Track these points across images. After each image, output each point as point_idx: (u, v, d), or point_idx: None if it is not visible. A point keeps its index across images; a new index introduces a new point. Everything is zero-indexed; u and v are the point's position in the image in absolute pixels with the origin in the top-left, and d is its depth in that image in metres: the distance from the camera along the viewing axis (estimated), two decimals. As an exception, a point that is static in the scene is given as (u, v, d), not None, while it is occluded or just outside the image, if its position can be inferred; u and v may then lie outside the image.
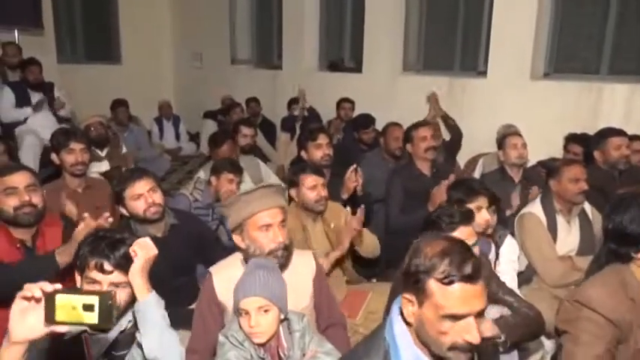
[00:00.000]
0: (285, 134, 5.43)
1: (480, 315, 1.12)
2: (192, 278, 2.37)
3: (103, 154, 3.86)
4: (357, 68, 5.48)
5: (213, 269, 1.79)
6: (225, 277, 1.58)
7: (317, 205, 2.42)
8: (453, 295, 1.09)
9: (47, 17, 5.62)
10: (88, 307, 1.09)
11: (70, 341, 1.43)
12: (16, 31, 5.02)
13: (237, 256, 1.81)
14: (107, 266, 1.43)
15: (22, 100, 4.48)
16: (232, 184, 2.85)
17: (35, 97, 4.56)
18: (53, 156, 2.83)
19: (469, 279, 1.09)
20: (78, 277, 1.49)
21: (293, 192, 2.48)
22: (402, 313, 1.19)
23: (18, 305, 1.06)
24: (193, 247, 2.34)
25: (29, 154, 4.31)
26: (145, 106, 6.04)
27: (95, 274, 1.43)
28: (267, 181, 3.26)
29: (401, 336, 1.19)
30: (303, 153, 3.14)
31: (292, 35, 5.96)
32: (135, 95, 5.59)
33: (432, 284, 1.11)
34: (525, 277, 2.58)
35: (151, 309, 1.46)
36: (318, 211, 2.45)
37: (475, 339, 1.09)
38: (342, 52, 5.93)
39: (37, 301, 1.06)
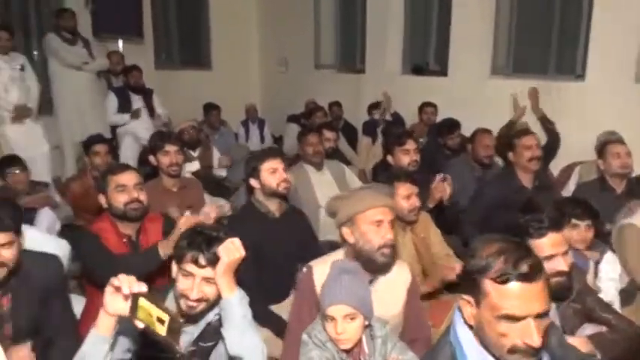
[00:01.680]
0: (366, 138, 5.42)
1: (541, 317, 1.07)
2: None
3: (195, 154, 4.11)
4: (442, 71, 5.35)
5: (314, 263, 1.83)
6: (325, 272, 1.61)
7: (410, 215, 2.36)
8: (509, 295, 1.06)
9: (147, 27, 6.05)
10: (160, 320, 1.25)
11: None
12: (120, 41, 5.44)
13: (340, 253, 1.84)
14: (202, 260, 1.49)
15: (124, 104, 4.86)
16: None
17: (136, 100, 4.93)
18: (151, 157, 3.04)
19: (526, 278, 1.05)
20: (175, 267, 1.57)
21: None
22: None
23: (109, 288, 1.32)
24: (302, 236, 2.46)
25: (128, 154, 4.68)
26: (233, 109, 6.30)
27: (190, 267, 1.50)
28: (351, 186, 3.28)
29: (465, 338, 1.17)
30: (389, 158, 3.11)
31: (376, 39, 5.94)
32: (223, 99, 5.84)
33: (488, 284, 1.09)
34: (627, 295, 2.38)
35: (234, 308, 1.51)
36: (409, 221, 2.39)
37: (535, 342, 1.05)
38: (427, 55, 5.82)
39: (125, 297, 1.29)
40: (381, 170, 3.25)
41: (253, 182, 2.40)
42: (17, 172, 3.15)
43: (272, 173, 2.36)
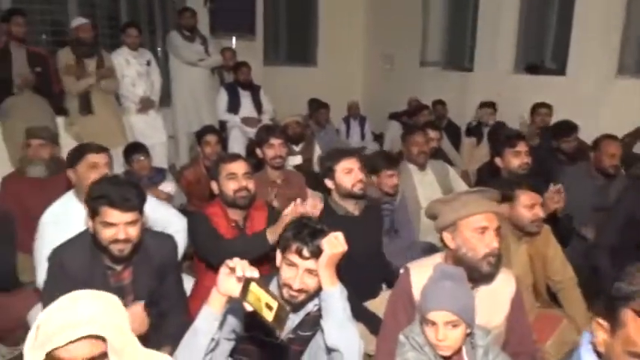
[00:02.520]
0: (470, 139, 5.22)
1: None
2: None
3: (297, 149, 4.22)
4: (560, 70, 4.98)
5: (412, 265, 1.80)
6: (424, 275, 1.58)
7: (531, 226, 2.17)
8: None
9: (258, 24, 6.31)
10: (268, 307, 1.30)
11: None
12: (233, 38, 5.74)
13: (438, 256, 1.80)
14: (305, 252, 1.53)
15: (233, 100, 5.12)
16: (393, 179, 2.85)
17: (244, 96, 5.17)
18: (257, 150, 3.17)
19: None
20: (279, 256, 1.62)
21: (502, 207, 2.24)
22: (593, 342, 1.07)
23: (224, 270, 1.41)
24: (380, 234, 2.45)
25: (235, 146, 4.92)
26: (336, 106, 6.36)
27: (294, 258, 1.54)
28: (456, 189, 3.18)
29: None
30: (497, 160, 2.97)
31: (487, 35, 5.68)
32: (327, 95, 5.93)
33: (629, 314, 0.98)
34: None
35: (335, 301, 1.54)
36: (529, 232, 2.20)
37: None
38: (543, 52, 5.45)
39: (239, 279, 1.36)
40: (487, 173, 3.11)
41: (328, 183, 2.37)
42: (142, 158, 3.45)
43: (347, 173, 2.31)
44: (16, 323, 2.25)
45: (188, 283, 2.40)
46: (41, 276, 2.10)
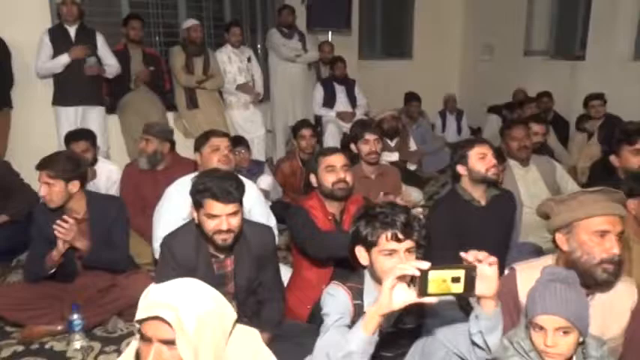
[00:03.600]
0: (581, 134, 4.84)
1: None
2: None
3: (392, 144, 4.19)
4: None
5: (518, 266, 1.74)
6: (532, 277, 1.49)
7: None
8: None
9: (353, 19, 6.31)
10: (455, 279, 1.27)
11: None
12: (329, 33, 5.80)
13: (548, 258, 1.71)
14: (400, 235, 1.53)
15: (329, 94, 5.19)
16: None
17: (340, 90, 5.22)
18: (351, 145, 3.19)
19: None
20: (364, 255, 1.61)
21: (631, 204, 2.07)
22: None
23: (389, 283, 1.31)
24: (509, 224, 2.43)
25: (330, 140, 4.99)
26: (431, 99, 6.22)
27: (391, 245, 1.54)
28: (565, 187, 2.98)
29: None
30: (612, 158, 2.72)
31: (602, 21, 5.22)
32: (422, 89, 5.80)
33: None
34: None
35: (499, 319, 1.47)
36: None
37: None
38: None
39: (400, 278, 1.31)
40: (601, 171, 2.87)
41: (460, 169, 2.40)
42: (243, 151, 3.63)
43: (481, 159, 2.35)
44: (133, 301, 2.46)
45: (285, 273, 2.48)
46: (157, 239, 2.33)
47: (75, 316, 2.42)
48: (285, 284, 2.43)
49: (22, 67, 4.07)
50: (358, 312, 1.61)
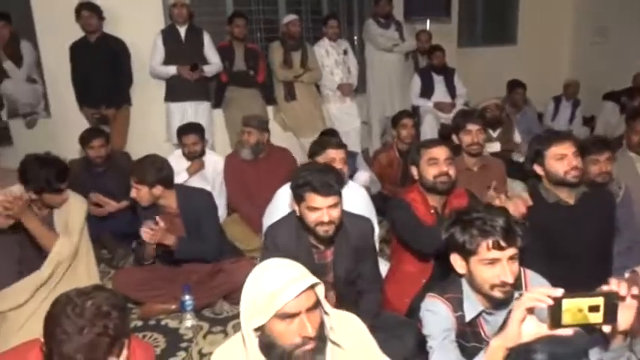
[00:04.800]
0: None
1: None
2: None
3: (494, 134, 4.00)
4: None
5: None
6: None
7: None
8: None
9: (453, 5, 6.08)
10: (593, 308, 1.16)
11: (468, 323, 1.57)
12: (427, 21, 5.64)
13: None
14: (503, 242, 1.44)
15: (427, 85, 5.07)
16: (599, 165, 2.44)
17: (438, 80, 5.08)
18: (453, 136, 3.08)
19: None
20: (461, 264, 1.53)
21: None
22: None
23: (519, 315, 1.24)
24: (604, 224, 2.20)
25: (428, 131, 4.88)
26: (537, 86, 5.83)
27: (494, 254, 1.45)
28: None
29: None
30: None
31: None
32: (528, 76, 5.45)
33: None
34: None
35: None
36: None
37: None
38: None
39: (529, 309, 1.22)
40: None
41: (537, 169, 2.18)
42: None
43: (559, 160, 2.10)
44: (238, 286, 2.60)
45: (382, 266, 2.47)
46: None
47: (186, 297, 2.61)
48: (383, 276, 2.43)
49: (140, 66, 4.43)
50: (461, 324, 1.57)
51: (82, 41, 4.22)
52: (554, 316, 1.15)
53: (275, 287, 1.20)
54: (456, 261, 1.54)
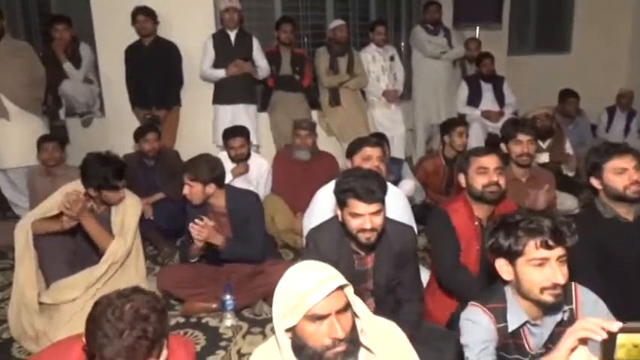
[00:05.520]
0: None
1: None
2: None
3: (544, 145, 3.88)
4: None
5: None
6: None
7: None
8: None
9: (504, 12, 5.93)
10: None
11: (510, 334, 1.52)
12: (477, 28, 5.53)
13: None
14: (551, 242, 1.39)
15: (474, 93, 4.96)
16: None
17: (486, 89, 4.97)
18: (502, 145, 3.00)
19: None
20: (507, 268, 1.48)
21: None
22: None
23: (570, 343, 1.16)
24: None
25: (474, 140, 4.77)
26: (591, 97, 5.61)
27: (541, 253, 1.40)
28: None
29: None
30: None
31: None
32: (581, 86, 5.25)
33: None
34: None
35: None
36: None
37: None
38: None
39: (581, 340, 1.15)
40: None
41: (594, 182, 2.09)
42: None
43: (619, 174, 2.00)
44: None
45: (423, 275, 2.43)
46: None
47: (227, 297, 2.65)
48: (424, 286, 2.39)
49: (190, 69, 4.55)
50: (503, 335, 1.51)
51: (137, 44, 4.39)
52: (608, 350, 1.08)
53: (304, 288, 1.21)
54: (502, 267, 1.49)
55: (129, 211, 2.72)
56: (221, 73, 4.35)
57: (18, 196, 4.00)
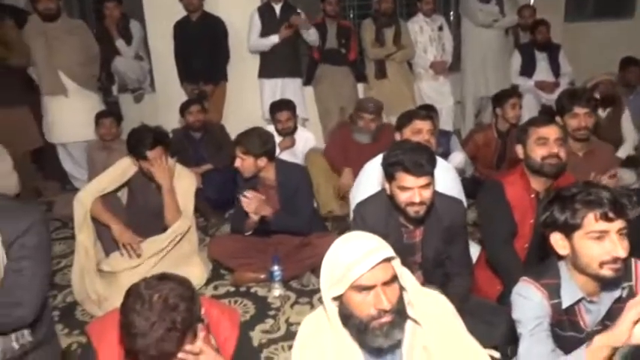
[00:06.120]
0: None
1: None
2: None
3: (603, 114, 3.71)
4: None
5: None
6: None
7: None
8: None
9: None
10: None
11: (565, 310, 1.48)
12: (533, -6, 5.27)
13: None
14: (611, 214, 1.34)
15: (528, 62, 4.75)
16: None
17: (540, 58, 4.74)
18: (557, 118, 2.87)
19: None
20: (563, 242, 1.43)
21: None
22: None
23: (633, 315, 1.16)
24: None
25: (527, 112, 4.59)
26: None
27: (601, 225, 1.35)
28: None
29: None
30: None
31: None
32: (646, 53, 4.94)
33: None
34: None
35: None
36: None
37: None
38: None
39: None
40: None
41: None
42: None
43: None
44: (324, 260, 2.68)
45: (472, 250, 2.39)
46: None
47: (275, 267, 2.71)
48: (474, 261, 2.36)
49: (235, 43, 4.58)
50: (557, 312, 1.48)
51: (185, 20, 4.44)
52: None
53: (351, 259, 1.22)
54: (557, 241, 1.45)
55: (186, 187, 2.80)
56: (274, 38, 4.32)
57: (77, 169, 4.20)
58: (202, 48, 4.39)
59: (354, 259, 1.22)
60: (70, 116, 3.96)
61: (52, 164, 4.29)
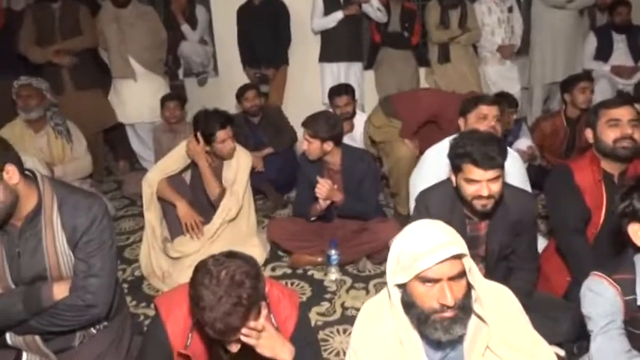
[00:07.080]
0: None
1: None
2: None
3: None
4: None
5: None
6: None
7: None
8: None
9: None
10: None
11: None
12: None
13: None
14: None
15: (604, 45, 4.47)
16: None
17: (618, 40, 4.44)
18: (636, 105, 2.68)
19: None
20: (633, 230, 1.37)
21: None
22: None
23: None
24: None
25: (599, 98, 4.30)
26: None
27: None
28: None
29: None
30: None
31: None
32: None
33: None
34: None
35: None
36: None
37: None
38: None
39: None
40: None
41: None
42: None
43: None
44: (381, 246, 2.67)
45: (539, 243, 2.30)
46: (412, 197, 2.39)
47: (332, 251, 2.73)
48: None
49: (297, 26, 4.57)
50: (631, 309, 1.40)
51: (248, 4, 4.48)
52: None
53: (420, 250, 1.20)
54: (636, 232, 1.37)
55: (241, 166, 2.88)
56: (338, 14, 4.24)
57: (144, 150, 4.38)
58: (264, 32, 4.42)
59: (423, 250, 1.20)
60: (138, 99, 4.12)
61: (123, 145, 4.51)
